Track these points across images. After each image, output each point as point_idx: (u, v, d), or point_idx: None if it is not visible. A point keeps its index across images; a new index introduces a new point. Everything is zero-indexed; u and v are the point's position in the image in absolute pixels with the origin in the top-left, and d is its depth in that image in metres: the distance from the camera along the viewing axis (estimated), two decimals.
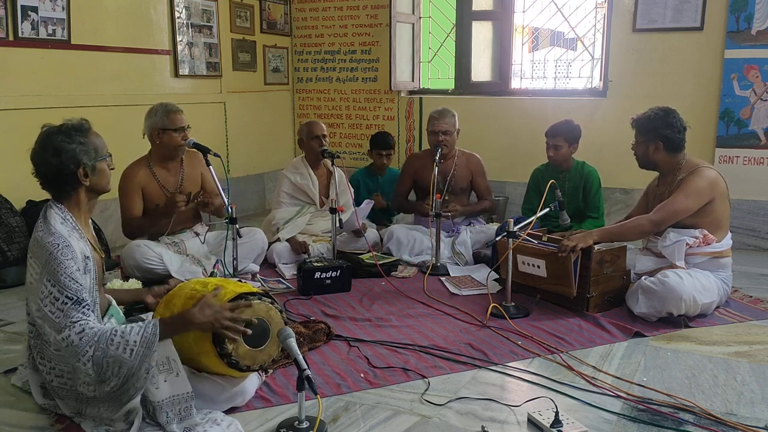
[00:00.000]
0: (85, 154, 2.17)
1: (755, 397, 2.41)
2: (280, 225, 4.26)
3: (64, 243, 2.07)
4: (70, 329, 1.98)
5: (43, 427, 2.19)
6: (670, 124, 3.30)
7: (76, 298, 2.02)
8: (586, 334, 3.02)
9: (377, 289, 3.70)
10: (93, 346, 1.96)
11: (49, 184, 2.20)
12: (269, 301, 2.22)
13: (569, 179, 4.16)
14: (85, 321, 2.00)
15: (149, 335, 1.99)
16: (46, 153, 2.14)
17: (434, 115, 4.30)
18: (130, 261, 3.53)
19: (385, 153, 4.90)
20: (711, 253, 3.27)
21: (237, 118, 5.81)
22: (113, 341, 1.97)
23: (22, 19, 3.95)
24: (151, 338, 1.98)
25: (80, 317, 2.00)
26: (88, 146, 2.18)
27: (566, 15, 5.69)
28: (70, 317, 1.99)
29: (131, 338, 1.97)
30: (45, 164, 2.15)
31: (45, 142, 2.16)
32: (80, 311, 2.01)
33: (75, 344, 1.96)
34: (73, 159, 2.14)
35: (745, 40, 4.61)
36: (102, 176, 2.25)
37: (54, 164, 2.13)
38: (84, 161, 2.16)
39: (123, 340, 1.97)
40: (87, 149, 2.18)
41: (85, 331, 1.98)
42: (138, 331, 2.00)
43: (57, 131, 2.17)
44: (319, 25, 6.27)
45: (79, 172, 2.17)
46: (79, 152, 2.15)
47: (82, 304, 2.03)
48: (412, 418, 2.26)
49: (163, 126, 3.61)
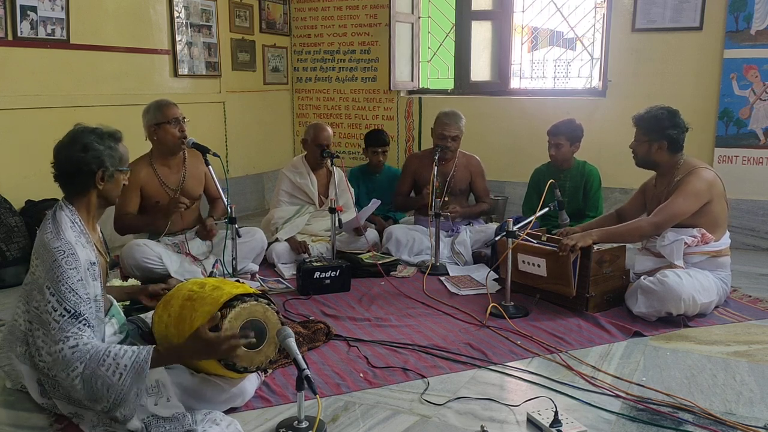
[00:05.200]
0: (109, 159, 2.21)
1: (754, 397, 2.42)
2: (279, 225, 4.26)
3: (70, 251, 2.07)
4: (63, 343, 1.98)
5: (42, 426, 2.19)
6: (676, 125, 3.30)
7: (74, 312, 2.02)
8: (585, 333, 3.02)
9: (377, 289, 3.70)
10: (84, 363, 1.96)
11: (65, 179, 2.22)
12: (265, 302, 2.21)
13: (570, 178, 4.16)
14: (80, 336, 2.00)
15: (140, 362, 1.98)
16: (74, 147, 2.17)
17: (445, 120, 4.25)
18: (130, 261, 3.52)
19: (381, 150, 4.84)
20: (709, 252, 3.27)
21: (236, 117, 5.81)
22: (104, 362, 1.96)
23: (21, 19, 3.94)
24: (143, 365, 1.97)
25: (75, 332, 2.00)
26: (115, 153, 2.23)
27: (565, 15, 5.69)
28: (65, 331, 1.99)
29: (122, 362, 1.97)
30: (69, 157, 2.18)
31: (76, 137, 2.20)
32: (76, 326, 2.01)
33: (66, 358, 1.97)
34: (97, 159, 2.18)
35: (745, 39, 4.61)
36: (116, 186, 2.29)
37: (78, 159, 2.16)
38: (106, 165, 2.20)
39: (114, 363, 1.96)
40: (113, 155, 2.23)
41: (78, 346, 1.98)
42: (130, 355, 1.98)
43: (91, 131, 2.22)
44: (318, 24, 6.27)
45: (98, 174, 2.19)
46: (105, 155, 2.20)
47: (79, 318, 2.02)
48: (412, 417, 2.26)
49: (158, 120, 3.59)
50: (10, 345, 2.25)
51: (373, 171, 4.93)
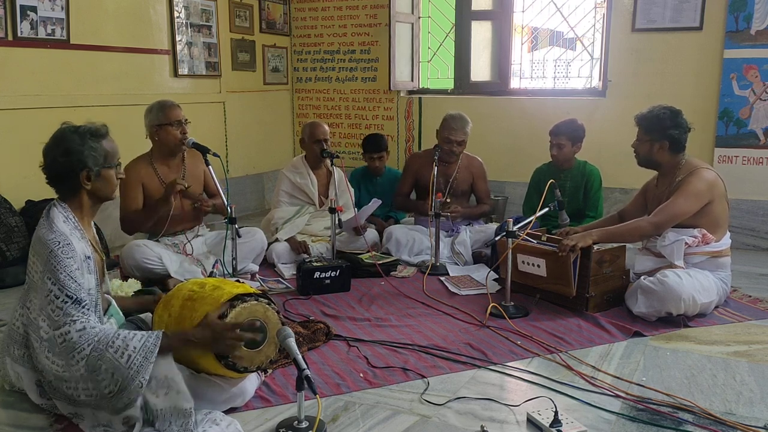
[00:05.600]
0: (92, 159, 2.18)
1: (754, 397, 2.42)
2: (279, 225, 4.26)
3: (65, 241, 2.08)
4: (70, 325, 1.98)
5: (42, 426, 2.18)
6: (678, 125, 3.30)
7: (75, 297, 2.02)
8: (585, 333, 3.02)
9: (377, 289, 3.69)
10: (91, 345, 1.96)
11: (53, 180, 2.22)
12: (266, 302, 2.21)
13: (570, 178, 4.16)
14: (86, 320, 2.01)
15: (150, 345, 1.98)
16: (56, 150, 2.17)
17: (453, 125, 4.22)
18: (130, 261, 3.52)
19: (376, 156, 4.79)
20: (710, 252, 3.27)
21: (236, 117, 5.81)
22: (113, 344, 1.96)
23: (21, 19, 3.94)
24: (152, 348, 1.98)
25: (80, 316, 2.01)
26: (98, 151, 2.20)
27: (565, 15, 5.69)
28: (70, 315, 1.99)
29: (131, 344, 1.97)
30: (52, 161, 2.18)
31: (58, 140, 2.19)
32: (80, 310, 2.02)
33: (73, 341, 1.96)
34: (79, 162, 2.17)
35: (745, 39, 4.61)
36: (107, 183, 2.26)
37: (60, 163, 2.16)
38: (89, 165, 2.18)
39: (123, 344, 1.96)
40: (96, 154, 2.20)
41: (86, 329, 1.98)
42: (140, 338, 1.99)
43: (73, 131, 2.20)
44: (318, 24, 6.27)
45: (82, 175, 2.18)
46: (86, 156, 2.17)
47: (82, 303, 2.03)
48: (412, 417, 2.26)
49: (160, 122, 3.60)
50: (7, 348, 2.25)
51: (375, 174, 4.91)
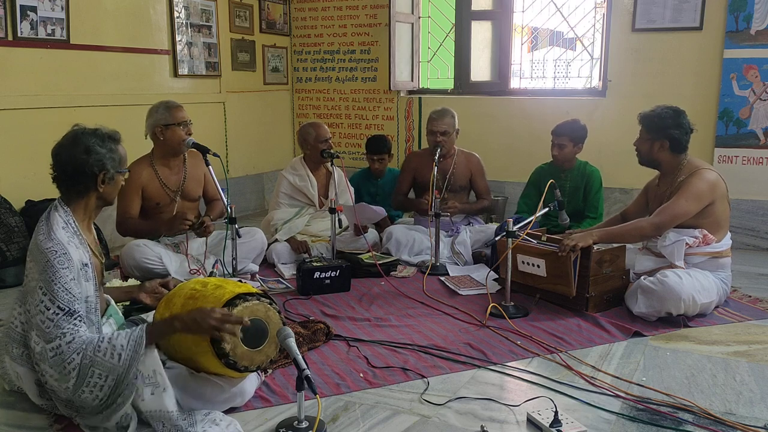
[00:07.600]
0: (110, 162, 2.22)
1: (754, 397, 2.42)
2: (278, 225, 4.25)
3: (62, 251, 2.07)
4: (60, 339, 1.98)
5: (42, 426, 2.19)
6: (679, 125, 3.30)
7: (68, 309, 2.02)
8: (585, 333, 3.02)
9: (376, 289, 3.69)
10: (80, 354, 1.97)
11: (65, 180, 2.21)
12: (267, 302, 2.21)
13: (571, 179, 4.16)
14: (75, 330, 2.01)
15: (136, 337, 2.00)
16: (76, 149, 2.17)
17: (433, 116, 4.30)
18: (130, 261, 3.53)
19: (377, 158, 4.76)
20: (710, 253, 3.27)
21: (236, 118, 5.81)
22: (100, 348, 1.98)
23: (21, 19, 3.94)
24: (139, 341, 2.00)
25: (71, 328, 2.01)
26: (115, 155, 2.24)
27: (565, 15, 5.69)
28: (61, 328, 2.00)
29: (118, 342, 1.99)
30: (70, 160, 2.17)
31: (77, 139, 2.19)
32: (71, 322, 2.02)
33: (64, 353, 1.97)
34: (99, 162, 2.19)
35: (744, 39, 4.62)
36: (115, 188, 2.30)
37: (80, 162, 2.16)
38: (108, 168, 2.21)
39: (110, 346, 1.98)
40: (114, 157, 2.23)
41: (75, 339, 1.99)
42: (125, 335, 2.01)
43: (91, 133, 2.22)
44: (318, 24, 6.27)
45: (100, 177, 2.20)
46: (107, 158, 2.20)
47: (74, 315, 2.03)
48: (412, 417, 2.26)
49: (166, 122, 3.61)
50: (6, 347, 2.25)
51: (376, 175, 4.87)
